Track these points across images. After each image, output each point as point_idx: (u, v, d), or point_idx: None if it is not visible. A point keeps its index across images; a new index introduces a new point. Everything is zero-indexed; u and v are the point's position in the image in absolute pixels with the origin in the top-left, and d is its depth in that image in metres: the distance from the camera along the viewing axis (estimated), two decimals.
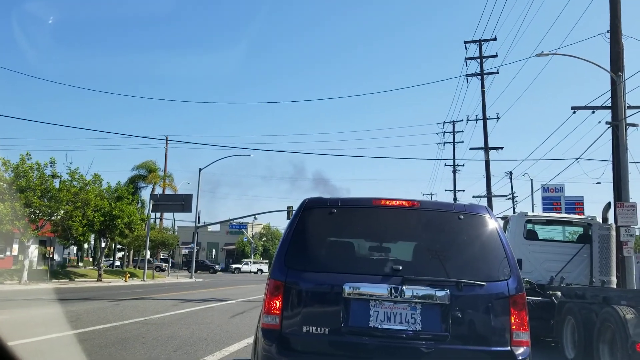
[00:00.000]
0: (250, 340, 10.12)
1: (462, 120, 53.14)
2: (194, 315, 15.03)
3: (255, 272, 75.27)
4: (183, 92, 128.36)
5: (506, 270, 4.36)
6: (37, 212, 29.77)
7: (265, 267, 75.04)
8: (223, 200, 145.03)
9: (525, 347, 4.19)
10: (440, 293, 4.18)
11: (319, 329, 4.21)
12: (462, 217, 4.62)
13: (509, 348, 4.16)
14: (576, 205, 38.98)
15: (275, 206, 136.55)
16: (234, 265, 78.80)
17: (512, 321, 4.22)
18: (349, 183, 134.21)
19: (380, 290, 4.21)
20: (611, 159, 16.00)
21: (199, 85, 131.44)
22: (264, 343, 4.24)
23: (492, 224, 4.61)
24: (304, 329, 4.22)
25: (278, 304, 4.30)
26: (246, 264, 79.17)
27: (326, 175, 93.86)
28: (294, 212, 4.89)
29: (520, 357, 4.12)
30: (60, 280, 33.69)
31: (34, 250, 37.79)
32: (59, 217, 31.61)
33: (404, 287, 4.19)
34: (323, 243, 4.72)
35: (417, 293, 4.19)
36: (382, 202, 4.71)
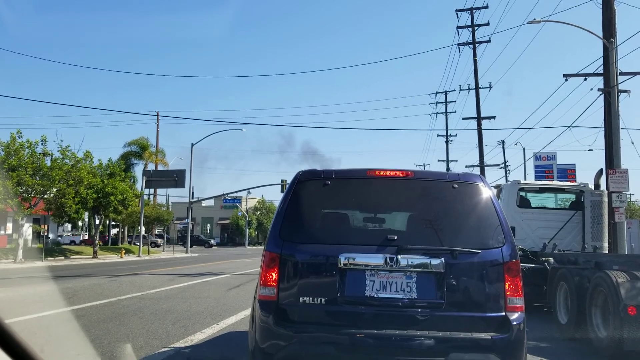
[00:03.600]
0: (247, 312, 10.20)
1: (455, 90, 52.90)
2: (191, 289, 15.12)
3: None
4: (171, 67, 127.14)
5: (500, 238, 4.39)
6: (30, 190, 29.63)
7: None
8: (216, 175, 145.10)
9: (519, 313, 4.24)
10: (435, 261, 4.21)
11: (315, 299, 4.24)
12: (456, 186, 4.62)
13: (503, 313, 4.20)
14: (568, 172, 39.15)
15: (268, 180, 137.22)
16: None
17: (507, 287, 4.26)
18: (341, 155, 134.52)
19: (375, 260, 4.24)
20: (603, 126, 16.04)
21: (187, 58, 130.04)
22: (261, 314, 4.27)
23: (486, 193, 4.62)
24: (301, 299, 4.25)
25: (274, 275, 4.32)
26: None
27: (318, 147, 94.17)
28: (287, 185, 4.89)
29: (514, 322, 4.17)
30: (56, 258, 33.73)
31: (28, 229, 37.81)
32: (51, 195, 31.49)
33: (399, 257, 4.21)
34: (318, 215, 4.72)
35: (412, 262, 4.22)
36: (376, 173, 4.70)
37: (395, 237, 4.33)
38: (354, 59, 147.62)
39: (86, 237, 57.58)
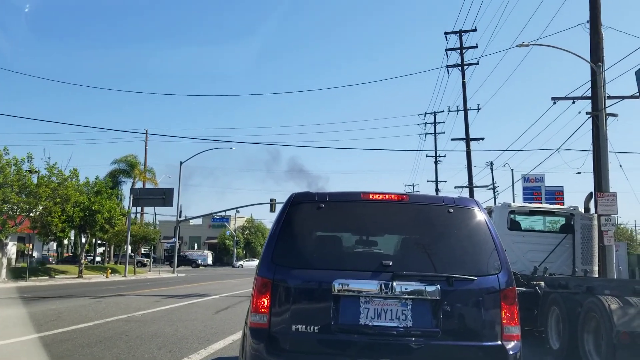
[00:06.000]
0: (235, 337, 10.03)
1: (444, 111, 53.31)
2: (177, 311, 14.87)
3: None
4: (158, 86, 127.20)
5: (496, 264, 4.32)
6: (15, 208, 29.21)
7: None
8: (201, 193, 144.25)
9: (516, 342, 4.17)
10: (430, 288, 4.13)
11: (308, 327, 4.14)
12: (452, 210, 4.57)
13: (499, 343, 4.13)
14: (556, 195, 39.39)
15: (255, 197, 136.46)
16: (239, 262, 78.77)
17: (503, 315, 4.19)
18: (330, 174, 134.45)
19: (370, 286, 4.15)
20: (591, 149, 16.13)
21: (176, 78, 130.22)
22: (252, 342, 4.15)
23: (482, 217, 4.57)
24: (293, 327, 4.14)
25: (266, 302, 4.22)
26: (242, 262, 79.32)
27: (305, 165, 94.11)
28: (278, 205, 4.82)
29: (511, 352, 4.10)
30: (40, 278, 33.18)
31: (12, 247, 37.21)
32: (37, 213, 31.07)
33: (394, 283, 4.13)
34: (311, 239, 4.64)
35: (407, 289, 4.14)
36: (371, 196, 4.64)
37: (390, 263, 4.25)
38: (343, 78, 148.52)
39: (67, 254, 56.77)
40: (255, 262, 76.01)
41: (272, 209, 49.13)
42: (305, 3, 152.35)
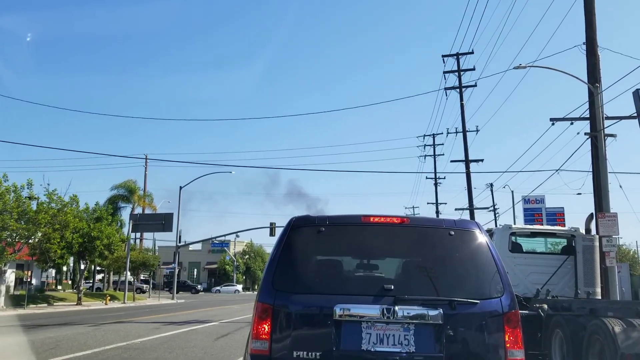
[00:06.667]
0: None
1: (442, 133, 53.34)
2: (177, 338, 14.72)
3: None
4: (155, 111, 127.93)
5: (499, 287, 4.28)
6: (14, 235, 29.09)
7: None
8: (202, 218, 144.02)
9: None
10: (433, 312, 4.08)
11: (309, 353, 4.08)
12: (453, 233, 4.54)
13: None
14: (557, 216, 39.28)
15: (253, 221, 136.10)
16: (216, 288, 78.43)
17: (507, 339, 4.13)
18: (330, 197, 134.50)
19: (372, 311, 4.10)
20: (591, 170, 16.13)
21: (173, 103, 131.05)
22: None
23: (483, 239, 4.54)
24: (294, 353, 4.09)
25: (267, 328, 4.17)
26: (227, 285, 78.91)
27: (304, 188, 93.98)
28: (278, 229, 4.79)
29: None
30: (39, 305, 32.90)
31: (10, 275, 36.95)
32: (36, 239, 30.93)
33: (396, 308, 4.08)
34: (312, 263, 4.60)
35: (409, 313, 4.09)
36: (372, 219, 4.62)
37: (392, 287, 4.21)
38: (341, 100, 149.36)
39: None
40: (233, 287, 76.00)
41: (272, 233, 49.00)
42: (300, 28, 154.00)
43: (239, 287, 78.93)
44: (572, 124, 17.94)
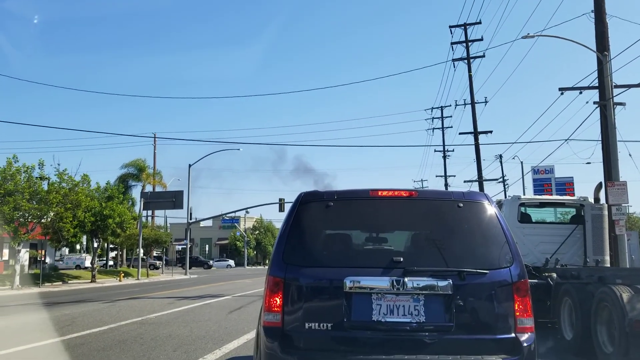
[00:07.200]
0: (249, 336, 10.09)
1: (450, 106, 53.22)
2: (191, 312, 14.96)
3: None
4: (164, 90, 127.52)
5: (508, 257, 4.33)
6: (27, 215, 29.44)
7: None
8: (212, 195, 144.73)
9: (529, 334, 4.18)
10: (442, 283, 4.15)
11: (321, 324, 4.17)
12: (462, 204, 4.57)
13: (513, 335, 4.14)
14: (566, 185, 39.19)
15: (262, 197, 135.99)
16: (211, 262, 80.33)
17: (516, 308, 4.19)
18: (337, 172, 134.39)
19: (381, 282, 4.17)
20: (600, 139, 16.05)
21: (183, 82, 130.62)
22: (266, 341, 4.19)
23: (492, 211, 4.57)
24: (306, 325, 4.18)
25: (278, 301, 4.25)
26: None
27: (312, 163, 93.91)
28: (287, 205, 4.85)
29: (525, 344, 4.11)
30: (53, 283, 33.44)
31: (24, 254, 37.49)
32: (49, 219, 31.28)
33: (405, 279, 4.14)
34: (321, 237, 4.66)
35: (419, 284, 4.15)
36: (380, 193, 4.65)
37: (401, 259, 4.27)
38: (347, 75, 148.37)
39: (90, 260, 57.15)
40: (225, 262, 77.83)
41: (281, 209, 49.27)
42: (312, 7, 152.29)
43: (231, 262, 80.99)
44: (581, 93, 17.81)
